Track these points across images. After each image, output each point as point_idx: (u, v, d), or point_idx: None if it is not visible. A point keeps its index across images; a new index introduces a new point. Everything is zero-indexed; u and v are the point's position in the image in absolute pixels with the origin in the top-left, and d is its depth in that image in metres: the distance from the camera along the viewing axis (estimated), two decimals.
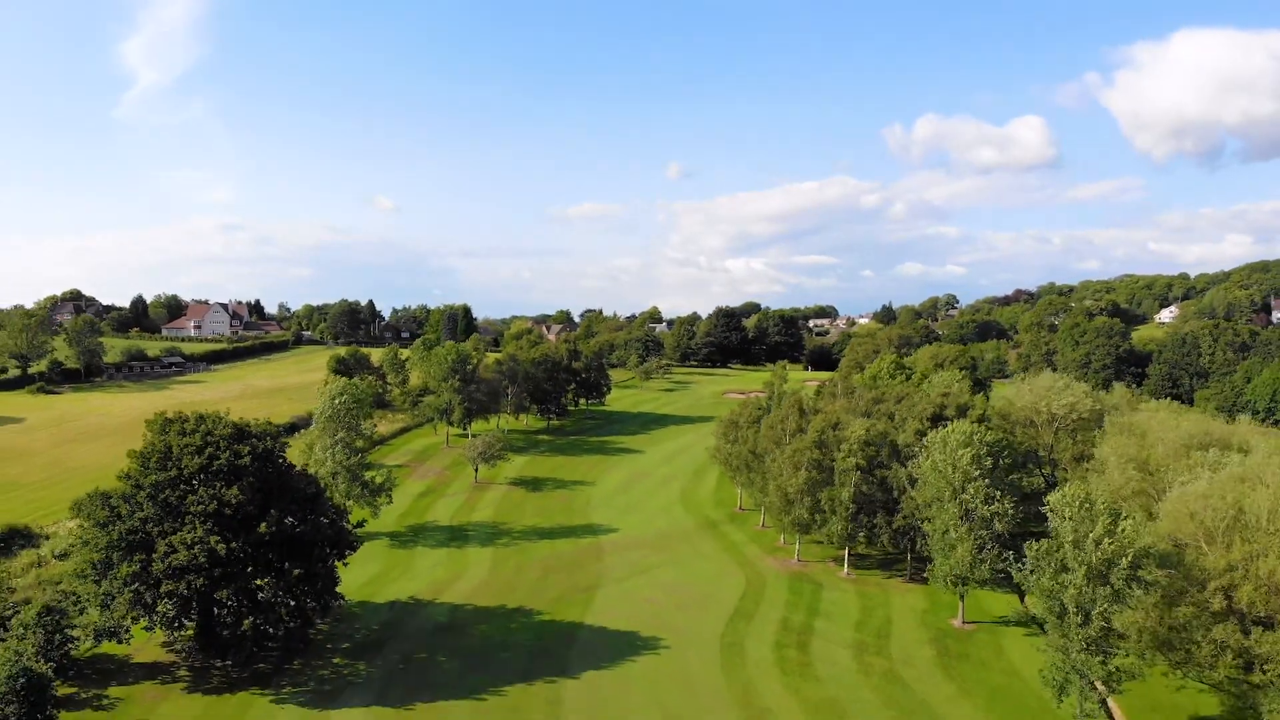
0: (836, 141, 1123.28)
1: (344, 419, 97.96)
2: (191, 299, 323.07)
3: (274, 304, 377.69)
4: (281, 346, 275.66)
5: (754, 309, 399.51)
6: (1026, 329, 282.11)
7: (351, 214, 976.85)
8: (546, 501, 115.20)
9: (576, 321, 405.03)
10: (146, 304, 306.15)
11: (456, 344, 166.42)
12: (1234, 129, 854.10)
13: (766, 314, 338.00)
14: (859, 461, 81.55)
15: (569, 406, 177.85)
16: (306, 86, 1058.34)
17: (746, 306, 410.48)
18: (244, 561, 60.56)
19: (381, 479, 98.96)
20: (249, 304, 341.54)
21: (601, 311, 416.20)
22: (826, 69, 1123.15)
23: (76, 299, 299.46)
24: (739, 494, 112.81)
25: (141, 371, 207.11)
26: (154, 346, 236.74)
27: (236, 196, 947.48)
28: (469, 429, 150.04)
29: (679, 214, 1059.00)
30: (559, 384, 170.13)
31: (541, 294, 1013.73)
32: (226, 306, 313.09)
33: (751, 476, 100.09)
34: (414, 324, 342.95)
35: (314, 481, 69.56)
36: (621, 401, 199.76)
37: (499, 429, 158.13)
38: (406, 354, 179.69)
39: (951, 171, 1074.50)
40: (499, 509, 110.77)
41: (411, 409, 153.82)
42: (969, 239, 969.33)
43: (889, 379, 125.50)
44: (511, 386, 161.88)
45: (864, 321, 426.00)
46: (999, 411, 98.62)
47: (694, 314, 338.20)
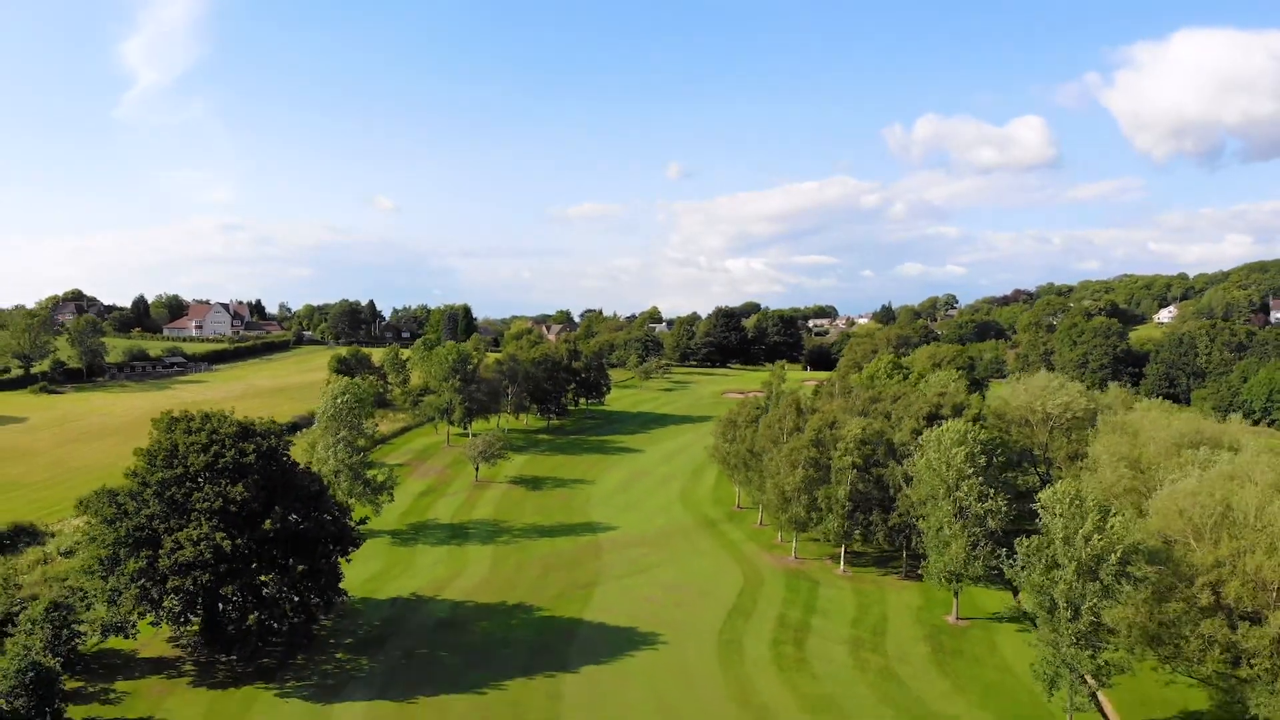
0: (836, 141, 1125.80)
1: (346, 418, 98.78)
2: (192, 299, 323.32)
3: (274, 304, 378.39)
4: (282, 346, 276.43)
5: (753, 309, 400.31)
6: (1025, 329, 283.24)
7: (351, 214, 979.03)
8: (546, 500, 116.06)
9: (576, 321, 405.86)
10: (148, 304, 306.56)
11: (457, 344, 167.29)
12: (1234, 129, 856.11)
13: (766, 314, 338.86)
14: (855, 460, 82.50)
15: (569, 406, 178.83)
16: (306, 86, 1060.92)
17: (746, 307, 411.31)
18: (249, 558, 61.31)
19: (383, 477, 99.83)
20: (250, 304, 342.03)
21: (601, 311, 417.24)
22: (826, 69, 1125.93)
23: (78, 299, 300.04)
24: (737, 492, 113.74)
25: (143, 371, 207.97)
26: (156, 346, 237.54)
27: (236, 196, 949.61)
28: (469, 428, 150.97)
29: (679, 214, 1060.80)
30: (559, 384, 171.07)
31: (541, 294, 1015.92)
32: (227, 307, 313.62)
33: (749, 475, 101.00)
34: (414, 324, 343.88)
35: (317, 479, 70.40)
36: (621, 401, 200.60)
37: (499, 428, 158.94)
38: (407, 354, 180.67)
39: (951, 171, 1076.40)
40: (499, 507, 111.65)
41: (412, 408, 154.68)
42: (969, 239, 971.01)
43: (886, 379, 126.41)
44: (512, 386, 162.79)
45: (863, 322, 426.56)
46: (994, 411, 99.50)
47: (694, 314, 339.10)
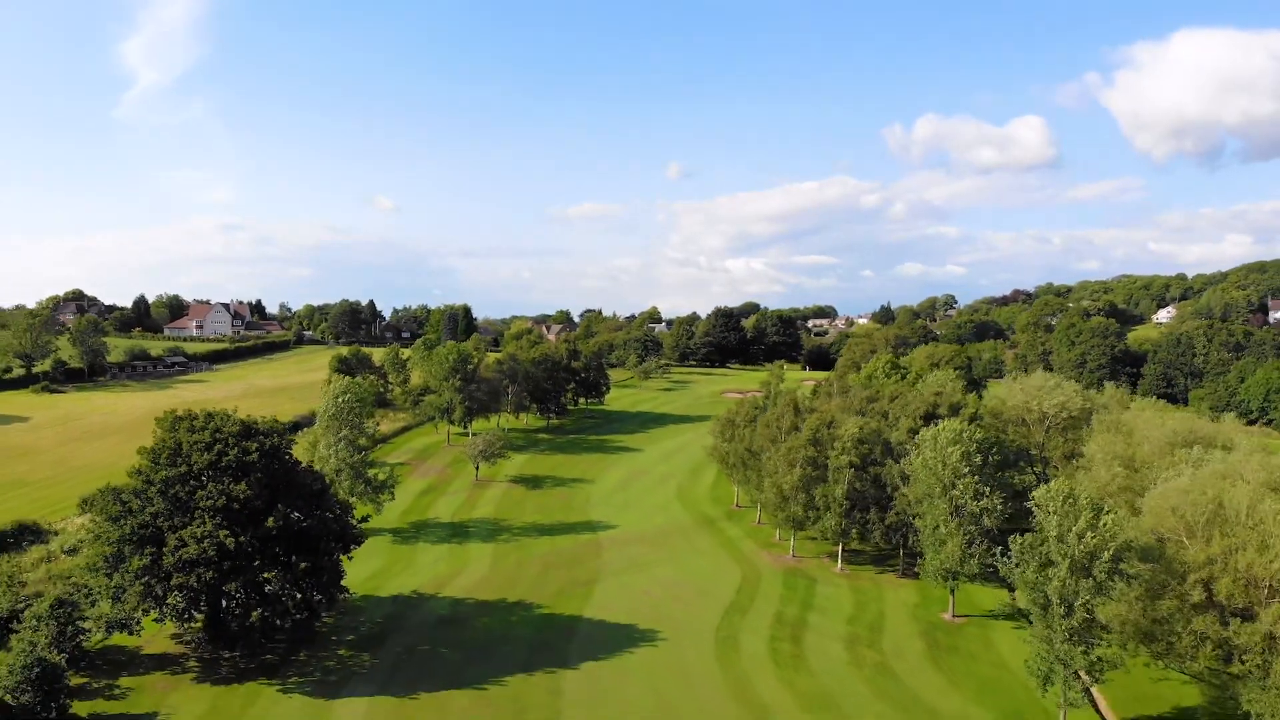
0: (836, 141, 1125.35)
1: (347, 417, 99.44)
2: (193, 299, 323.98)
3: (275, 304, 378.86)
4: (283, 346, 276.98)
5: (753, 309, 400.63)
6: (1023, 329, 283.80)
7: (351, 214, 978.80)
8: (546, 499, 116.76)
9: (576, 321, 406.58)
10: (149, 304, 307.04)
11: (457, 344, 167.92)
12: (1234, 129, 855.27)
13: (765, 314, 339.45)
14: (852, 459, 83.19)
15: (568, 406, 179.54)
16: (306, 86, 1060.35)
17: (745, 307, 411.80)
18: (252, 555, 61.89)
19: (384, 476, 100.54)
20: (250, 304, 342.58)
21: (601, 311, 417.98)
22: (826, 69, 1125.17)
23: (79, 299, 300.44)
24: (735, 491, 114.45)
25: (145, 371, 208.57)
26: (157, 346, 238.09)
27: (236, 196, 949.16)
28: (469, 428, 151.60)
29: (679, 214, 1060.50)
30: (558, 383, 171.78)
31: (541, 294, 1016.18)
32: (228, 306, 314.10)
33: (748, 474, 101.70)
34: (414, 324, 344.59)
35: (319, 477, 71.14)
36: (620, 401, 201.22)
37: (499, 428, 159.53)
38: (408, 354, 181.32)
39: (951, 171, 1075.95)
40: (499, 506, 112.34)
41: (413, 408, 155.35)
42: (969, 239, 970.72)
43: (884, 378, 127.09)
44: (512, 386, 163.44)
45: (862, 322, 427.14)
46: (991, 410, 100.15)
47: (693, 314, 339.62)
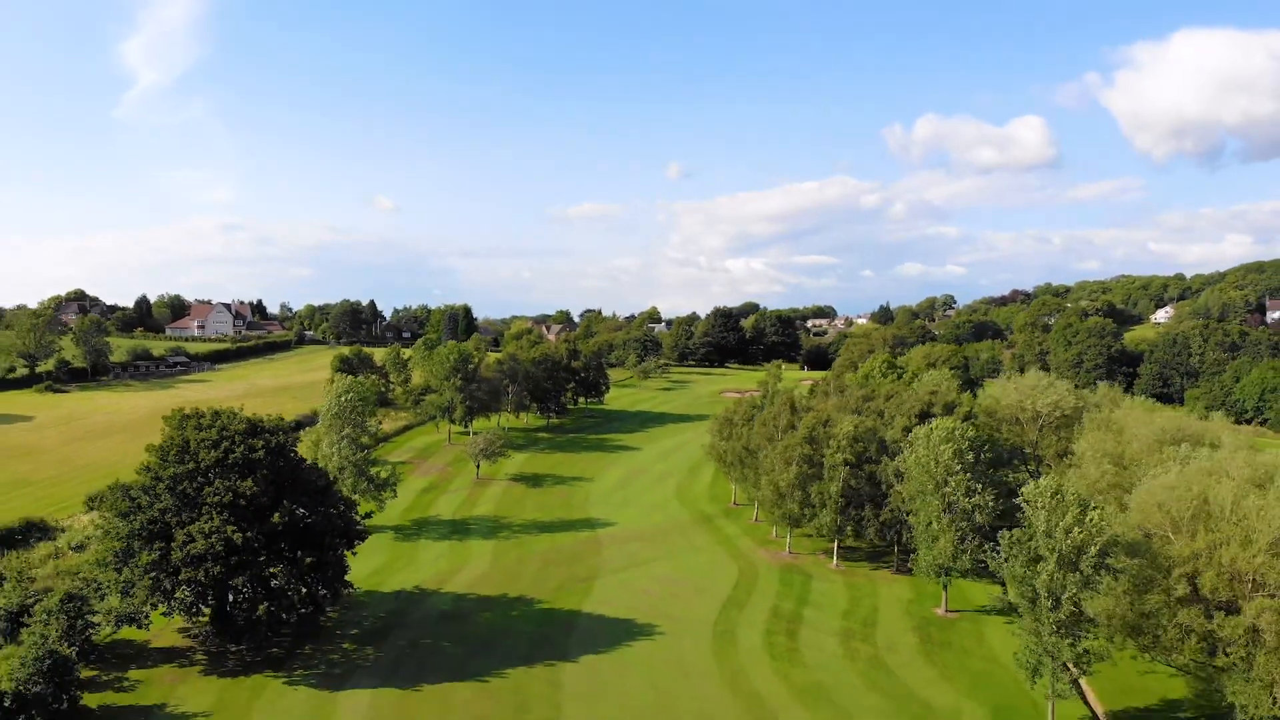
0: (836, 141, 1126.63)
1: (350, 416, 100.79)
2: (194, 299, 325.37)
3: (275, 304, 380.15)
4: (284, 346, 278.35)
5: (752, 309, 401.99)
6: (1021, 329, 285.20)
7: (351, 214, 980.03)
8: (546, 497, 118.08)
9: (576, 321, 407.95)
10: (150, 304, 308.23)
11: (458, 344, 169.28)
12: (1234, 129, 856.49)
13: (764, 314, 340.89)
14: (847, 457, 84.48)
15: (568, 405, 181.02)
16: (306, 86, 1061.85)
17: (745, 307, 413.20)
18: (258, 550, 63.18)
19: (386, 474, 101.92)
20: (252, 304, 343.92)
21: (601, 312, 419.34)
22: (826, 69, 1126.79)
23: (81, 299, 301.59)
24: (733, 489, 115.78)
25: (147, 371, 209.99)
26: (159, 346, 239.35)
27: (236, 196, 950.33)
28: (470, 427, 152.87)
29: (679, 214, 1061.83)
30: (558, 383, 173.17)
31: (541, 294, 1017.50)
32: (229, 306, 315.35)
33: (745, 472, 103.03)
34: (415, 324, 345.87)
35: (324, 474, 72.42)
36: (620, 400, 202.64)
37: (500, 427, 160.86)
38: (409, 353, 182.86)
39: (951, 171, 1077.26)
40: (500, 504, 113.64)
41: (414, 407, 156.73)
42: (969, 239, 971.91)
43: (881, 378, 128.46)
44: (512, 385, 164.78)
45: (861, 322, 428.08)
46: (985, 409, 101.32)
47: (693, 314, 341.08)
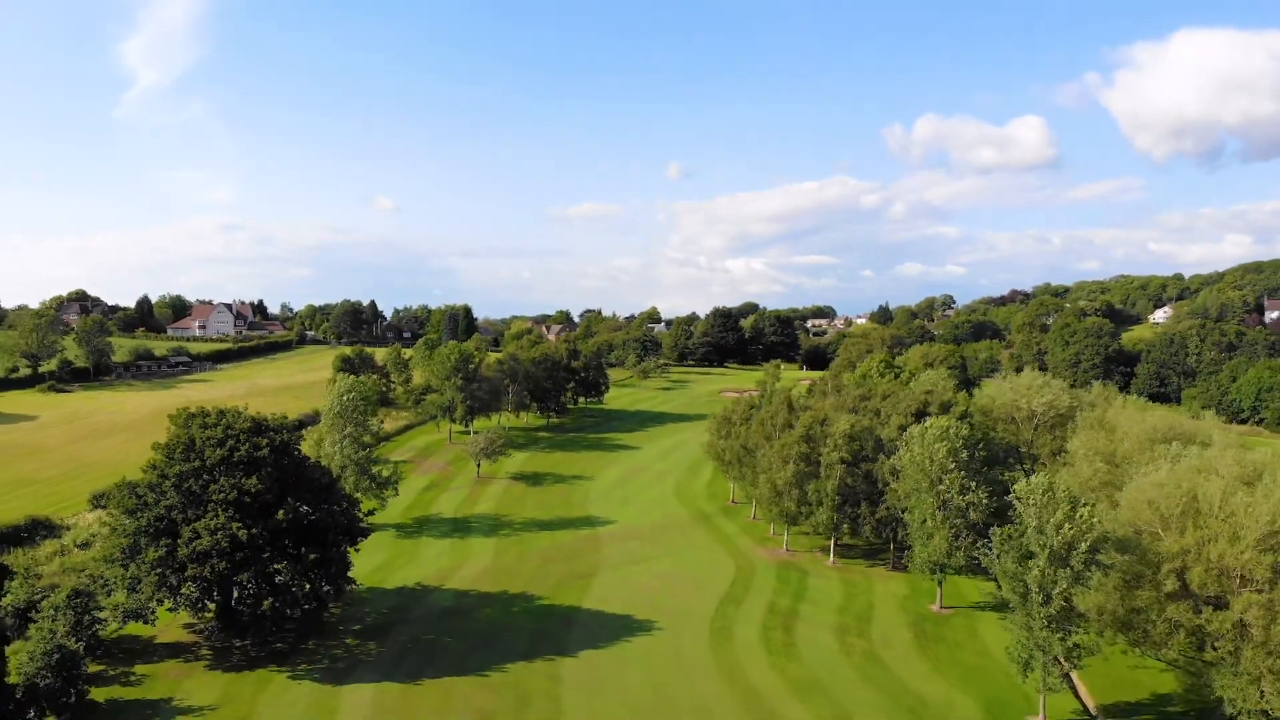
0: (836, 141, 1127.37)
1: (352, 415, 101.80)
2: (195, 299, 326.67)
3: (275, 304, 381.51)
4: (285, 346, 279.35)
5: (752, 309, 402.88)
6: (1019, 329, 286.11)
7: (351, 214, 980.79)
8: (546, 495, 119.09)
9: (576, 321, 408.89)
10: (152, 304, 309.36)
11: (459, 344, 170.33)
12: (1234, 129, 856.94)
13: (763, 314, 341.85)
14: (844, 455, 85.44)
15: (568, 404, 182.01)
16: (306, 86, 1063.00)
17: (744, 307, 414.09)
18: (263, 547, 64.13)
19: (388, 473, 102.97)
20: (252, 304, 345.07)
21: (601, 312, 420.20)
22: (826, 69, 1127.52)
23: (82, 299, 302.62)
24: (731, 488, 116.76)
25: (149, 370, 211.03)
26: (160, 346, 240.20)
27: (236, 196, 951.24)
28: (471, 426, 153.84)
29: (679, 214, 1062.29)
30: (558, 383, 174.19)
31: (541, 294, 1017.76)
32: (231, 307, 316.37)
33: (743, 470, 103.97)
34: (415, 324, 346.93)
35: (327, 472, 73.47)
36: (619, 400, 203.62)
37: (500, 426, 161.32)
38: (410, 353, 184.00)
39: (951, 171, 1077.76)
40: (500, 502, 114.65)
41: (415, 407, 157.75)
42: (969, 239, 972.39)
43: (878, 377, 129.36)
44: (512, 385, 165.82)
45: (860, 322, 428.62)
46: (981, 408, 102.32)
47: (692, 314, 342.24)
